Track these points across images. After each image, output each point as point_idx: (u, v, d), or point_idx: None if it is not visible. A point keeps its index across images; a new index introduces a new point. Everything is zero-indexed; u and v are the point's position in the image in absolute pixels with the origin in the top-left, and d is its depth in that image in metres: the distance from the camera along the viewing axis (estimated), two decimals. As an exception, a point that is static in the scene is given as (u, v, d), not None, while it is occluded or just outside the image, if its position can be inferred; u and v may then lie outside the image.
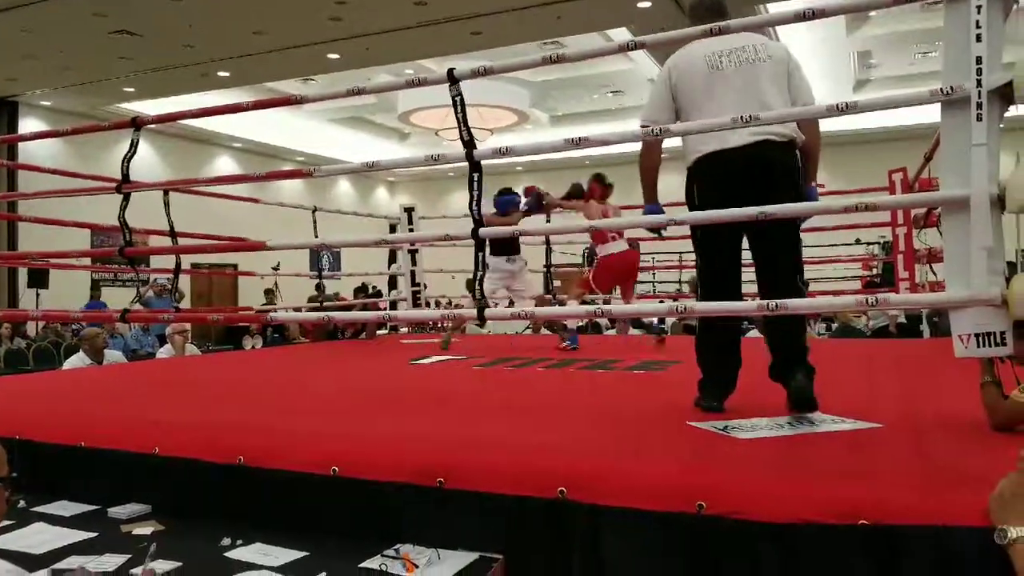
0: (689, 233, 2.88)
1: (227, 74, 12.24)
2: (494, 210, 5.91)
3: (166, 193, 5.61)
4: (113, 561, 2.00)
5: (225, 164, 17.56)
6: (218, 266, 14.36)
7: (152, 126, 14.94)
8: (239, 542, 2.14)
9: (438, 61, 11.76)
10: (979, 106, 2.10)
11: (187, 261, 10.19)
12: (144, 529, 2.29)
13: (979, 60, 2.10)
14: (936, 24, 2.35)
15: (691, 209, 2.74)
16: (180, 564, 1.96)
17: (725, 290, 2.72)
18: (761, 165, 2.62)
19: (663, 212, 2.90)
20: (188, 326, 7.52)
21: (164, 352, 6.88)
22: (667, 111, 2.77)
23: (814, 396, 2.60)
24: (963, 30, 2.13)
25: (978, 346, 2.17)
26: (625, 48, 2.74)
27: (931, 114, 2.26)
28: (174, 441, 2.56)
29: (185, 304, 12.30)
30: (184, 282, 12.78)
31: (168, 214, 5.66)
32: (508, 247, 6.08)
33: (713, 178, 2.69)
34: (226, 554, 2.07)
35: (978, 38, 2.10)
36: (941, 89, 2.15)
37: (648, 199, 2.95)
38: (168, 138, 15.97)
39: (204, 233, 6.24)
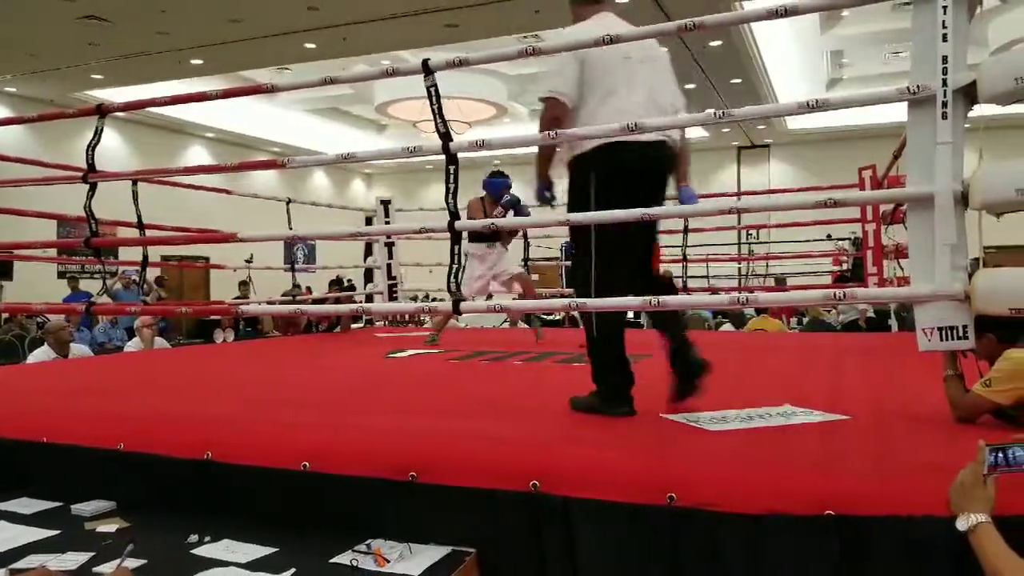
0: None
1: (200, 62, 12.08)
2: (483, 193, 5.80)
3: (135, 183, 5.54)
4: (76, 559, 1.97)
5: (198, 154, 17.34)
6: (189, 259, 14.21)
7: (122, 115, 14.83)
8: (207, 539, 2.11)
9: (415, 52, 11.68)
10: (944, 105, 2.13)
11: (157, 254, 10.09)
12: (108, 526, 2.25)
13: (945, 60, 2.13)
14: (907, 24, 2.38)
15: (582, 200, 2.64)
16: (145, 562, 1.94)
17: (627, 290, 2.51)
18: (662, 164, 2.66)
19: (554, 195, 2.93)
20: (157, 319, 7.44)
21: (132, 346, 6.80)
22: (577, 87, 2.67)
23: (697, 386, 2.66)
24: (930, 30, 2.16)
25: (941, 340, 2.21)
26: (601, 43, 2.74)
27: (902, 112, 2.30)
28: (140, 436, 2.53)
29: (155, 297, 12.18)
30: (154, 275, 12.64)
31: (136, 204, 5.58)
32: (490, 235, 5.81)
33: (622, 170, 2.59)
34: (193, 551, 2.04)
35: (944, 38, 2.13)
36: (908, 88, 2.18)
37: (542, 175, 2.90)
38: (139, 127, 15.73)
39: (175, 225, 6.17)
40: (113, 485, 2.48)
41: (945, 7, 2.13)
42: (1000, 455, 1.61)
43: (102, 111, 3.54)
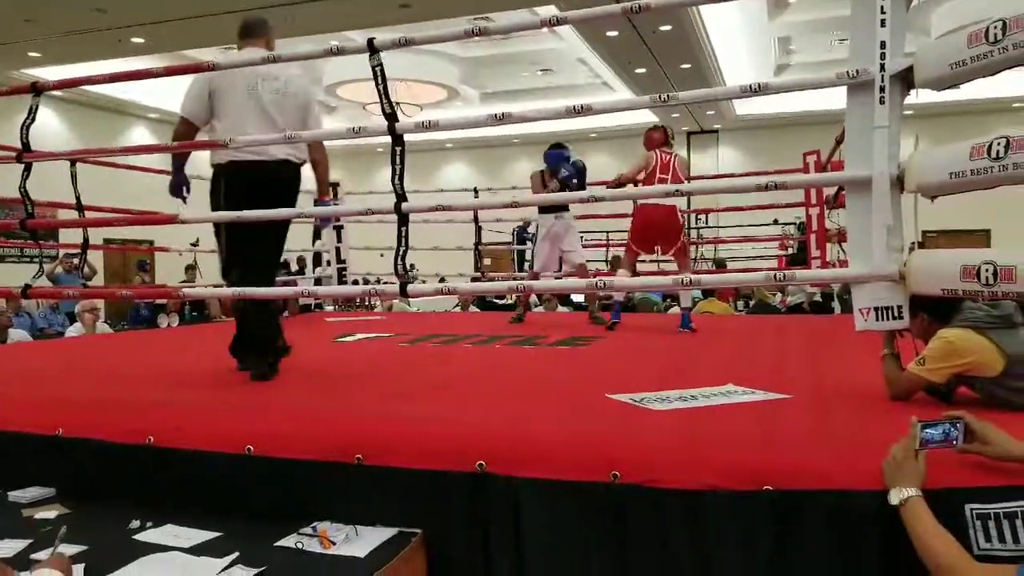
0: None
1: (142, 40, 11.72)
2: (544, 166, 5.67)
3: (73, 164, 5.37)
4: (12, 546, 1.92)
5: (140, 135, 16.84)
6: (133, 242, 13.84)
7: (61, 95, 14.34)
8: (149, 524, 2.08)
9: (365, 33, 11.49)
10: (882, 89, 2.18)
11: (100, 236, 9.80)
12: (48, 513, 2.21)
13: (883, 45, 2.18)
14: (851, 11, 2.49)
15: (215, 199, 3.32)
16: (86, 548, 1.90)
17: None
18: (280, 177, 3.28)
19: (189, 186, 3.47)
20: (99, 304, 7.25)
21: (74, 331, 6.63)
22: (204, 109, 3.26)
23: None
24: (869, 16, 2.21)
25: (877, 319, 2.27)
26: (548, 23, 2.74)
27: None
28: (79, 421, 2.47)
29: (98, 281, 11.84)
30: (97, 258, 12.29)
31: (75, 185, 5.42)
32: (553, 206, 5.63)
33: (242, 180, 3.23)
34: (135, 536, 2.01)
35: (883, 23, 2.18)
36: (848, 72, 2.23)
37: (177, 169, 3.46)
38: (78, 107, 15.21)
39: (116, 207, 6.00)
40: (52, 472, 2.42)
41: (883, -6, 2.18)
42: (931, 431, 1.67)
43: (36, 89, 3.42)
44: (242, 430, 2.27)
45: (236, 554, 1.85)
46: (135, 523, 2.09)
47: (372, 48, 2.75)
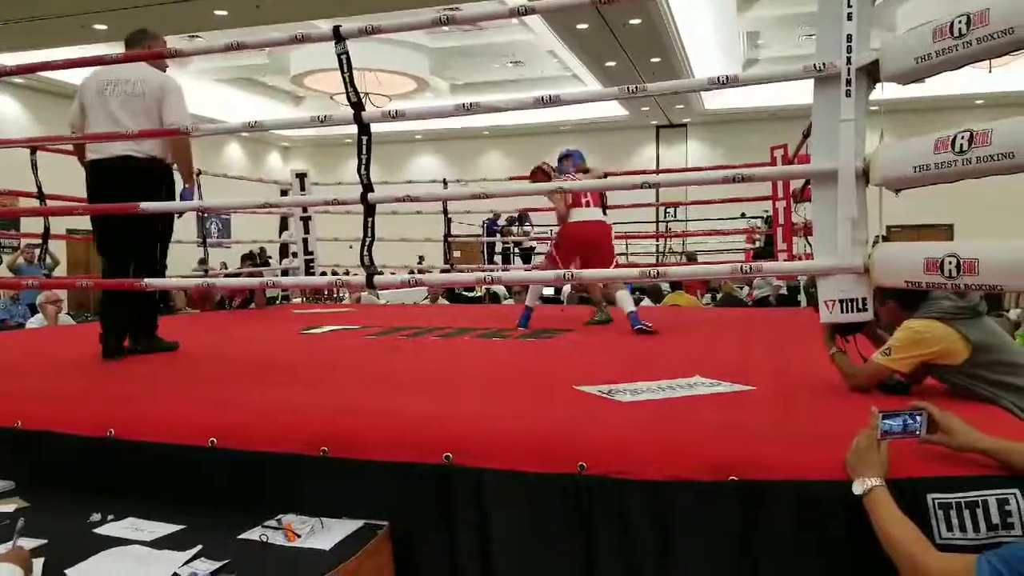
0: None
1: (105, 27, 11.48)
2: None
3: (33, 152, 5.25)
4: (-32, 540, 1.87)
5: (104, 124, 16.56)
6: (97, 232, 13.58)
7: (22, 82, 14.01)
8: (110, 517, 2.04)
9: (332, 22, 11.38)
10: (848, 83, 2.20)
11: (62, 226, 9.59)
12: (6, 507, 2.15)
13: (849, 39, 2.20)
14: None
15: (90, 194, 3.62)
16: (45, 541, 1.86)
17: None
18: (127, 172, 3.49)
19: None
20: (62, 295, 7.11)
21: (35, 322, 6.49)
22: (78, 117, 3.66)
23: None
24: (835, 9, 2.23)
25: (842, 311, 2.30)
26: (516, 13, 2.73)
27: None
28: (39, 414, 2.42)
29: (61, 272, 11.61)
30: (60, 248, 12.05)
31: (36, 174, 5.30)
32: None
33: (97, 176, 3.57)
34: (95, 530, 1.97)
35: (849, 16, 2.19)
36: (814, 65, 2.25)
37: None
38: (40, 95, 14.87)
39: (78, 196, 5.87)
40: (11, 464, 2.36)
41: (850, -13, 2.19)
42: (892, 422, 1.69)
43: (-6, 73, 3.33)
44: (205, 423, 2.23)
45: (199, 547, 1.82)
46: (96, 516, 2.04)
47: (338, 36, 2.71)
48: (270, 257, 12.19)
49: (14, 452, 2.39)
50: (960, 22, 2.00)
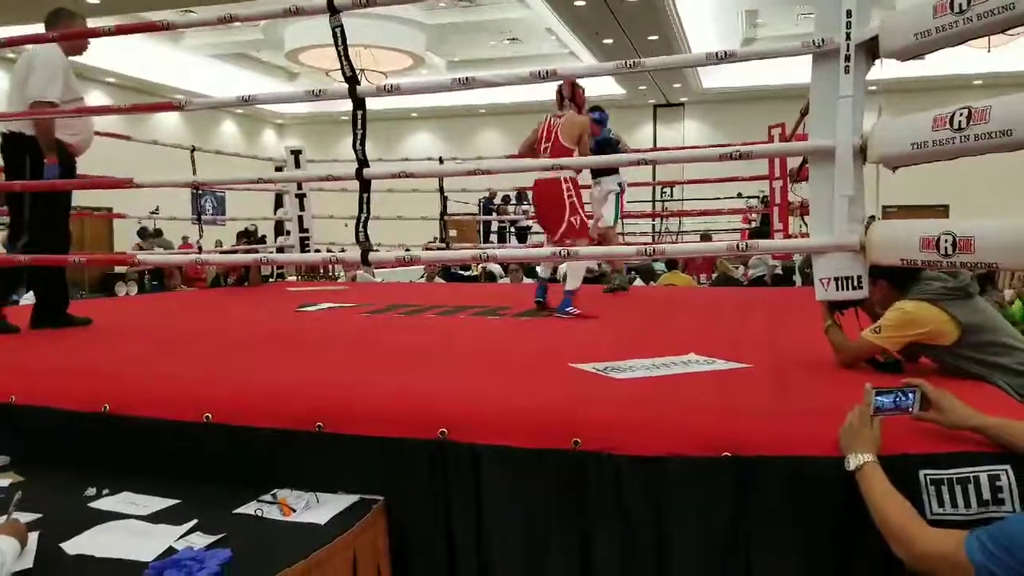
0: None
1: (97, 1, 11.36)
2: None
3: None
4: (-37, 514, 1.88)
5: (97, 100, 16.32)
6: (91, 209, 13.52)
7: (12, 55, 13.85)
8: (105, 492, 2.05)
9: (328, -2, 11.27)
10: (847, 59, 2.19)
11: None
12: (2, 481, 2.16)
13: (849, 14, 2.18)
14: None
15: None
16: (40, 516, 1.87)
17: None
18: (5, 150, 3.62)
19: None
20: (55, 271, 7.06)
21: (28, 299, 6.45)
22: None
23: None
24: (835, -16, 2.20)
25: (837, 289, 2.30)
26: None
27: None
28: (34, 389, 2.42)
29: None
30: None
31: (28, 149, 5.24)
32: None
33: None
34: (91, 504, 1.98)
35: (848, -9, 2.17)
36: (813, 41, 2.23)
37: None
38: (31, 70, 14.75)
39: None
40: (7, 439, 2.37)
41: (849, -38, 2.17)
42: (884, 398, 1.70)
43: (-17, 46, 3.30)
44: (201, 398, 2.23)
45: (194, 521, 1.83)
46: (91, 491, 2.05)
47: (332, 8, 2.68)
48: (264, 236, 12.18)
49: (9, 427, 2.39)
50: (961, -2, 1.98)
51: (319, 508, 1.92)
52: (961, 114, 1.99)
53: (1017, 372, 2.17)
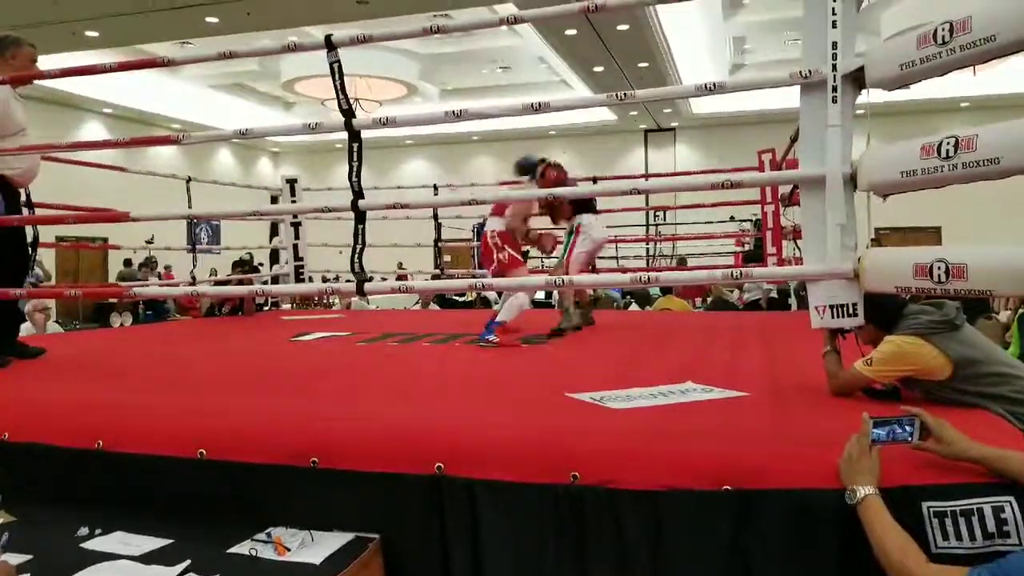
0: None
1: (96, 34, 11.45)
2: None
3: (20, 160, 5.20)
4: (-48, 556, 1.85)
5: (94, 131, 16.42)
6: (86, 239, 13.52)
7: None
8: (98, 531, 2.03)
9: (324, 28, 11.35)
10: (834, 89, 2.21)
11: (51, 234, 9.53)
12: (-7, 521, 2.14)
13: (835, 46, 2.21)
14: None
15: None
16: (30, 557, 1.84)
17: None
18: None
19: None
20: (50, 303, 7.06)
21: (23, 331, 6.43)
22: None
23: None
24: (820, 16, 2.24)
25: (832, 317, 2.31)
26: (506, 22, 2.73)
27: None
28: (26, 425, 2.40)
29: (50, 281, 11.56)
30: (49, 256, 11.97)
31: (23, 183, 5.25)
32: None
33: None
34: (83, 545, 1.96)
35: (834, 24, 2.20)
36: (800, 72, 2.25)
37: None
38: (30, 102, 14.64)
39: (66, 204, 5.84)
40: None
41: (835, -5, 2.21)
42: (882, 429, 1.69)
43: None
44: (194, 433, 2.22)
45: (188, 562, 1.81)
46: (83, 530, 2.03)
47: (330, 45, 2.71)
48: (260, 264, 12.17)
49: (0, 464, 2.37)
50: (943, 29, 2.01)
51: (314, 547, 1.90)
52: (948, 143, 2.01)
53: (1015, 400, 2.16)
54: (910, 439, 1.69)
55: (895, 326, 2.30)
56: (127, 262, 13.51)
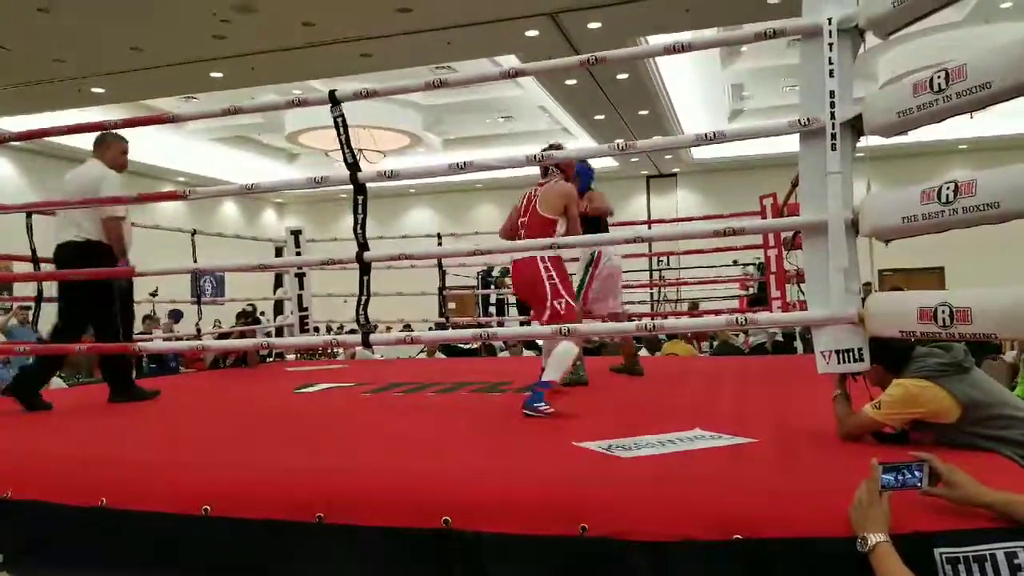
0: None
1: (102, 91, 11.65)
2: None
3: (29, 215, 5.28)
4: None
5: (99, 185, 16.64)
6: (91, 292, 13.58)
7: (19, 144, 14.14)
8: (101, 590, 2.00)
9: (327, 82, 11.57)
10: (833, 137, 2.24)
11: (55, 288, 9.60)
12: (-6, 581, 2.12)
13: (832, 94, 2.24)
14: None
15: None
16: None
17: None
18: (63, 256, 4.10)
19: None
20: (54, 357, 7.04)
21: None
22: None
23: None
24: (817, 65, 2.27)
25: (839, 362, 2.30)
26: (509, 75, 2.78)
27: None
28: (27, 482, 2.38)
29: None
30: (52, 310, 11.99)
31: (31, 237, 5.32)
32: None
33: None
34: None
35: (831, 73, 2.24)
36: (799, 121, 2.28)
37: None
38: (36, 157, 15.00)
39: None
40: (1, 535, 2.32)
41: (831, 44, 2.25)
42: (891, 475, 1.68)
43: (-4, 140, 3.38)
44: (198, 488, 2.20)
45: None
46: (86, 590, 2.00)
47: (334, 99, 2.76)
48: (263, 313, 12.19)
49: (3, 522, 2.34)
50: (939, 77, 2.04)
51: (321, 603, 1.87)
52: (948, 188, 2.03)
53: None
54: (920, 484, 1.67)
55: (903, 368, 2.29)
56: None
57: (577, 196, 3.85)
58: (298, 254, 7.33)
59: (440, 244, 8.74)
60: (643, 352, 8.79)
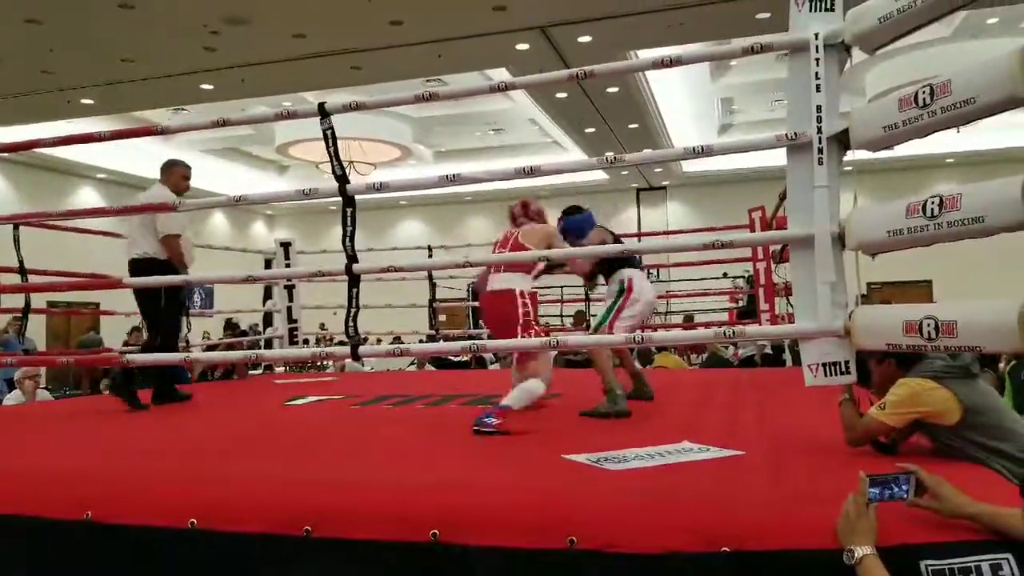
0: None
1: (91, 102, 11.62)
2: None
3: (16, 227, 5.25)
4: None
5: (88, 196, 16.55)
6: (78, 305, 13.49)
7: (6, 156, 14.07)
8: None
9: (317, 94, 11.57)
10: (820, 151, 2.26)
11: (42, 299, 9.53)
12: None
13: (819, 109, 2.26)
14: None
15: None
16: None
17: None
18: (135, 270, 4.46)
19: None
20: (40, 370, 7.01)
21: (12, 399, 6.38)
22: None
23: None
24: (804, 80, 2.30)
25: (826, 375, 2.31)
26: (499, 88, 2.79)
27: (789, 155, 2.42)
28: (11, 496, 2.35)
29: (40, 347, 11.51)
30: (40, 322, 11.92)
31: (18, 249, 5.29)
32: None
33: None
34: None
35: (818, 88, 2.26)
36: (786, 135, 2.30)
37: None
38: (24, 168, 14.93)
39: (60, 270, 5.86)
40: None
41: (818, 59, 2.27)
42: (880, 488, 1.68)
43: (-20, 151, 3.37)
44: (185, 501, 2.18)
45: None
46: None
47: (323, 112, 2.76)
48: (254, 325, 12.13)
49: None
50: (924, 92, 2.07)
51: (308, 617, 1.86)
52: (933, 202, 2.05)
53: (1017, 459, 2.16)
54: (906, 496, 1.68)
55: (912, 366, 2.32)
56: (90, 330, 13.47)
57: (561, 237, 3.83)
58: (288, 266, 7.31)
59: (431, 256, 8.73)
60: (636, 364, 8.80)
